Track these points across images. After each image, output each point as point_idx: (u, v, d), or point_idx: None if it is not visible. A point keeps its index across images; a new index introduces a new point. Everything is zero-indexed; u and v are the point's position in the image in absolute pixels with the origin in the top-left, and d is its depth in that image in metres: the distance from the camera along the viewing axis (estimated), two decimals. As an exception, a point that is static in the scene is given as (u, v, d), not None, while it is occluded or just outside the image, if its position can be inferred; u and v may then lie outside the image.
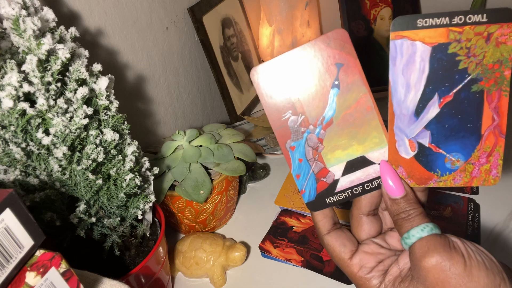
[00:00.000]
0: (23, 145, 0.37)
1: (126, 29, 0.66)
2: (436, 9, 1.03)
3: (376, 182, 0.35)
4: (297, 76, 0.32)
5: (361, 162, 0.34)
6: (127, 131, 0.46)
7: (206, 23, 0.84)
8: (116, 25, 0.64)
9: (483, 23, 0.28)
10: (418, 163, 0.33)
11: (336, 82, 0.32)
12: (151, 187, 0.49)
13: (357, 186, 0.35)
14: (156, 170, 0.50)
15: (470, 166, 0.32)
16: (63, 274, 0.28)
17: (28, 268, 0.27)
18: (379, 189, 0.35)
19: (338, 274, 0.57)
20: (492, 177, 0.32)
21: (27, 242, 0.27)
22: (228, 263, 0.58)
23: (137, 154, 0.46)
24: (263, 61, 1.09)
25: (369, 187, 0.35)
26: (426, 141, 0.32)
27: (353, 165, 0.34)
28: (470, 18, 0.28)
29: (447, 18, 0.29)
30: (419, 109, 0.31)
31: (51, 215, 0.40)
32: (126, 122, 0.45)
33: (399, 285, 0.32)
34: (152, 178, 0.50)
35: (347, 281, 0.56)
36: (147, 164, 0.49)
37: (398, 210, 0.32)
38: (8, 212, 0.25)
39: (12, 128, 0.36)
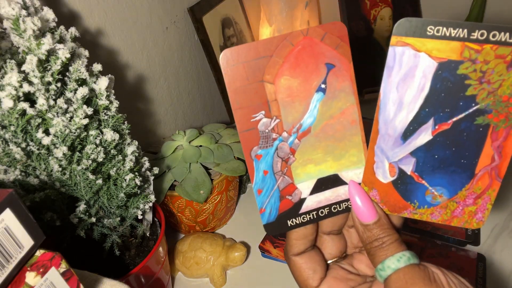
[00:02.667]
0: (23, 145, 0.37)
1: (126, 29, 0.66)
2: (436, 9, 1.03)
3: (345, 204, 0.31)
4: (278, 70, 0.27)
5: (332, 181, 0.30)
6: (127, 131, 0.46)
7: (206, 23, 0.84)
8: (116, 25, 0.64)
9: (509, 44, 0.23)
10: (395, 189, 0.29)
11: (323, 86, 0.28)
12: (151, 187, 0.49)
13: (323, 207, 0.30)
14: (156, 170, 0.50)
15: (453, 204, 0.29)
16: (63, 274, 0.28)
17: (28, 268, 0.27)
18: (348, 212, 0.31)
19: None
20: (475, 220, 0.29)
21: (27, 242, 0.27)
22: (228, 263, 0.58)
23: (137, 154, 0.46)
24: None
25: (337, 210, 0.31)
26: (409, 168, 0.28)
27: (323, 184, 0.30)
28: (494, 36, 0.23)
29: (465, 31, 0.23)
30: (408, 132, 0.27)
31: (51, 215, 0.40)
32: (126, 122, 0.45)
33: None
34: (152, 178, 0.50)
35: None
36: (147, 164, 0.49)
37: (371, 238, 0.29)
38: (8, 212, 0.25)
39: (12, 128, 0.36)
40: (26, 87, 0.36)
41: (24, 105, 0.36)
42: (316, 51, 0.27)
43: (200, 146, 0.63)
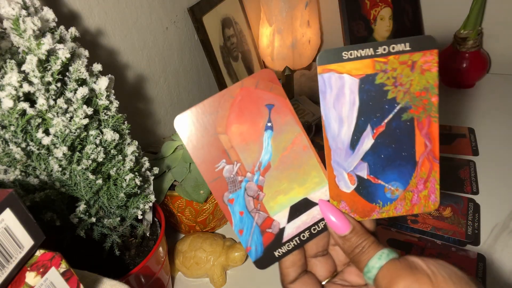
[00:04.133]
0: (23, 145, 0.37)
1: (126, 29, 0.66)
2: (436, 9, 1.03)
3: (322, 223, 0.33)
4: (227, 121, 0.30)
5: (304, 205, 0.32)
6: (127, 131, 0.46)
7: (206, 23, 0.84)
8: (116, 25, 0.64)
9: (406, 52, 0.28)
10: (359, 196, 0.32)
11: (269, 124, 0.31)
12: (151, 187, 0.49)
13: (304, 231, 0.32)
14: (156, 170, 0.50)
15: (409, 194, 0.32)
16: (63, 274, 0.28)
17: (28, 268, 0.27)
18: (327, 230, 0.33)
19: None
20: (431, 202, 0.32)
21: (27, 242, 0.27)
22: (228, 263, 0.58)
23: (137, 154, 0.46)
24: (263, 62, 1.09)
25: (316, 230, 0.33)
26: (364, 173, 0.31)
27: (297, 209, 0.32)
28: (393, 48, 0.28)
29: (371, 49, 0.28)
30: (354, 142, 0.30)
31: (51, 215, 0.40)
32: (126, 122, 0.45)
33: None
34: (152, 178, 0.50)
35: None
36: (147, 164, 0.49)
37: (351, 246, 0.31)
38: (8, 212, 0.25)
39: (12, 128, 0.36)
40: (26, 87, 0.36)
41: (24, 105, 0.36)
42: (254, 97, 0.30)
43: (200, 146, 0.63)
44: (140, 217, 0.49)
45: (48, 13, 0.40)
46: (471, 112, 0.90)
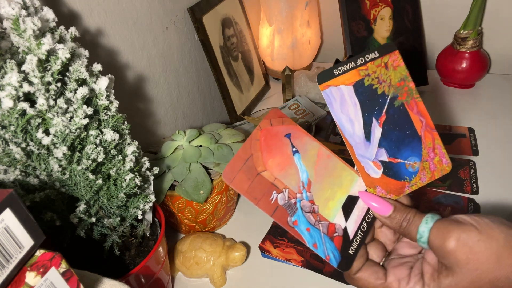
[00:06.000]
0: (23, 145, 0.37)
1: (126, 29, 0.66)
2: (436, 9, 1.03)
3: (371, 211, 0.37)
4: (262, 160, 0.35)
5: (351, 202, 0.37)
6: (127, 131, 0.46)
7: (206, 23, 0.84)
8: (116, 25, 0.64)
9: (378, 57, 0.36)
10: (388, 177, 0.37)
11: (294, 149, 0.36)
12: (151, 187, 0.49)
13: (361, 223, 0.37)
14: (156, 170, 0.50)
15: (426, 164, 0.37)
16: (63, 274, 0.28)
17: (28, 268, 0.27)
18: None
19: (338, 273, 0.57)
20: (445, 165, 0.37)
21: (27, 242, 0.27)
22: (228, 263, 0.58)
23: (137, 154, 0.46)
24: (263, 62, 1.09)
25: (370, 218, 0.37)
26: (385, 157, 0.37)
27: (348, 208, 0.37)
28: (368, 57, 0.36)
29: (352, 63, 0.36)
30: (367, 134, 0.36)
31: (51, 215, 0.40)
32: (126, 122, 0.45)
33: (439, 279, 0.32)
34: (152, 178, 0.50)
35: (347, 281, 0.56)
36: (147, 164, 0.49)
37: (399, 223, 0.35)
38: (8, 212, 0.25)
39: (12, 128, 0.36)
40: (26, 87, 0.36)
41: (24, 105, 0.36)
42: (273, 133, 0.36)
43: (200, 146, 0.63)
44: (140, 217, 0.49)
45: (48, 13, 0.40)
46: (471, 112, 0.90)
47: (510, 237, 0.29)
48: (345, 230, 0.36)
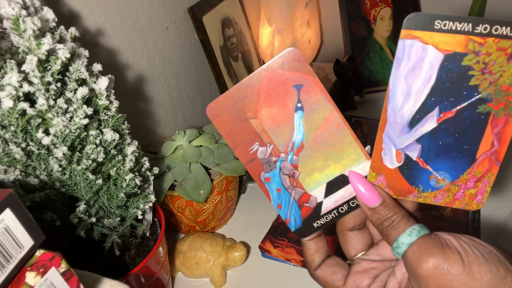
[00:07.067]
0: (23, 145, 0.37)
1: (126, 29, 0.66)
2: (436, 9, 1.03)
3: None
4: (256, 106, 0.30)
5: (341, 181, 0.33)
6: (127, 131, 0.46)
7: (206, 23, 0.84)
8: (116, 25, 0.64)
9: (510, 38, 0.24)
10: (401, 175, 0.31)
11: (299, 105, 0.31)
12: (151, 187, 0.49)
13: (342, 205, 0.33)
14: (156, 170, 0.50)
15: (455, 188, 0.30)
16: (63, 274, 0.28)
17: (28, 268, 0.27)
18: None
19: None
20: (476, 202, 0.31)
21: (27, 242, 0.27)
22: (228, 263, 0.58)
23: (137, 154, 0.46)
24: (263, 62, 1.09)
25: (355, 204, 0.33)
26: (414, 154, 0.30)
27: (334, 185, 0.33)
28: (496, 29, 0.24)
29: (470, 25, 0.25)
30: (415, 120, 0.28)
31: (51, 215, 0.40)
32: (126, 122, 0.45)
33: None
34: (152, 178, 0.50)
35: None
36: (147, 164, 0.49)
37: (380, 219, 0.30)
38: (8, 212, 0.25)
39: (12, 128, 0.36)
40: (26, 87, 0.36)
41: (24, 105, 0.36)
42: (281, 79, 0.30)
43: (200, 146, 0.63)
44: (140, 217, 0.49)
45: (48, 13, 0.40)
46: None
47: (496, 280, 0.25)
48: (319, 204, 0.33)
